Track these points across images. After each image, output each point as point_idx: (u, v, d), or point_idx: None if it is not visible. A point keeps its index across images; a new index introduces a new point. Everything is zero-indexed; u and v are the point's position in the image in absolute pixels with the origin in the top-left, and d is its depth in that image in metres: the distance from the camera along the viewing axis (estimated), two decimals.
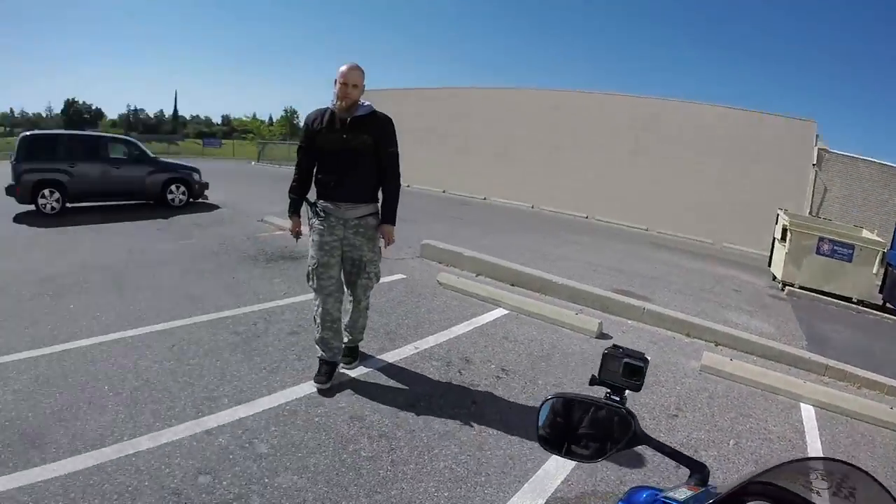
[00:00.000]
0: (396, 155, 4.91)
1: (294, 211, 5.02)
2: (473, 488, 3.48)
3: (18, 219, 12.89)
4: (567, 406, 1.45)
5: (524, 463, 3.81)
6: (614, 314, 7.58)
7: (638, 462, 3.95)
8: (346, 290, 4.99)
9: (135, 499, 3.25)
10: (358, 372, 5.15)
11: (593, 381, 1.47)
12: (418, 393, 4.80)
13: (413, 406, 4.54)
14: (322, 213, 4.73)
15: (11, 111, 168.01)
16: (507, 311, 7.33)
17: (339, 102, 4.57)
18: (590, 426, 1.42)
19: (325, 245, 4.71)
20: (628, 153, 22.76)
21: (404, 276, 8.66)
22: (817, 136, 20.01)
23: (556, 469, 3.75)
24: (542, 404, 1.47)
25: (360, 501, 3.27)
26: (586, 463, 1.48)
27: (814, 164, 19.60)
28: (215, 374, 4.94)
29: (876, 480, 1.18)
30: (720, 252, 17.75)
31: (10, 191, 13.64)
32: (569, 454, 1.44)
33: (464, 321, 6.79)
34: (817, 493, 1.19)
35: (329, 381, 4.82)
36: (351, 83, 4.55)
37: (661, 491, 1.24)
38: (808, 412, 5.44)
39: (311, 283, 4.81)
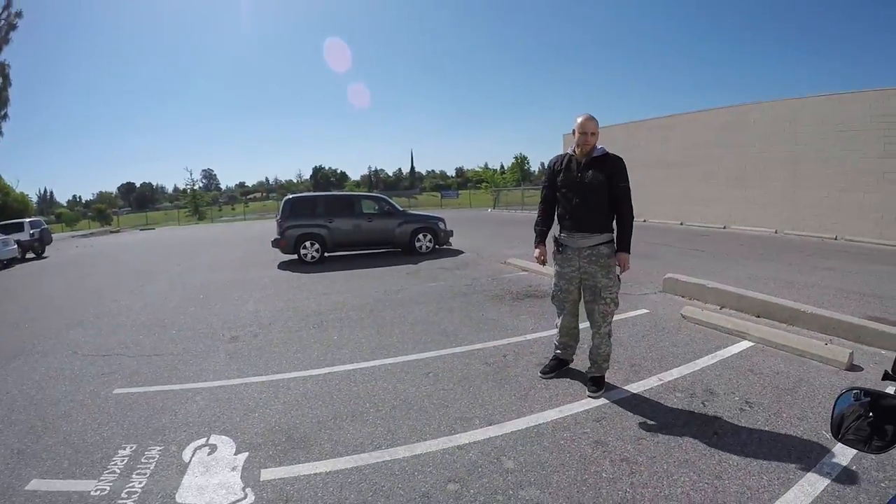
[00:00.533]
0: (628, 189, 5.43)
1: (540, 241, 5.85)
2: None
3: (282, 266, 15.01)
4: (860, 398, 1.65)
5: (762, 494, 3.86)
6: (867, 344, 7.14)
7: (881, 498, 3.87)
8: (588, 321, 5.67)
9: (388, 497, 3.85)
10: (603, 401, 5.44)
11: (886, 376, 1.67)
12: (661, 422, 4.97)
13: (655, 434, 4.74)
14: (562, 248, 5.55)
15: (267, 179, 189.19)
16: (752, 343, 7.24)
17: (578, 149, 5.42)
18: (877, 419, 1.59)
19: (565, 275, 5.58)
20: (877, 157, 20.20)
21: (647, 311, 8.84)
22: None
23: (795, 500, 3.78)
24: (837, 399, 1.70)
25: None
26: (872, 454, 1.63)
27: None
28: (468, 398, 5.51)
29: None
30: None
31: (275, 243, 16.08)
32: (856, 444, 1.64)
33: (708, 354, 6.84)
34: None
35: (551, 372, 6.08)
36: (589, 132, 5.31)
37: None
38: None
39: (555, 302, 5.87)
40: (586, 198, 5.32)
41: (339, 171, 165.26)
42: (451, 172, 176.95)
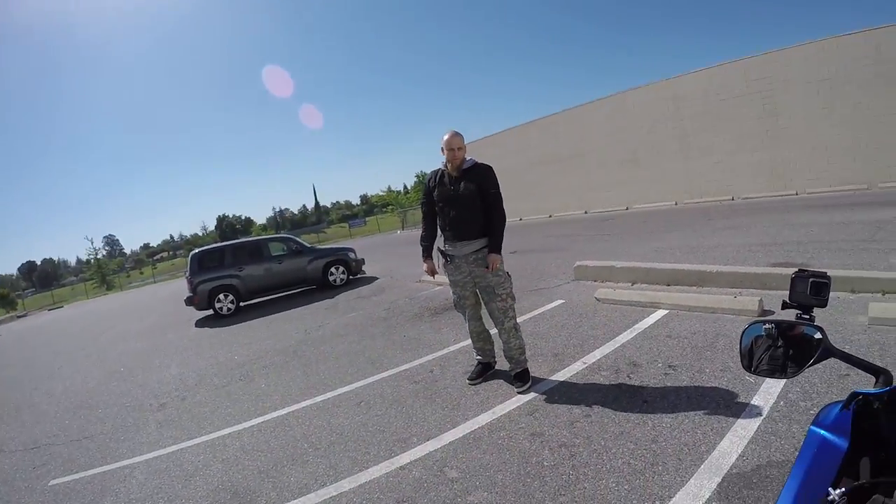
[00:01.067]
0: (498, 195, 5.64)
1: (427, 255, 5.99)
2: (652, 477, 3.72)
3: (200, 324, 14.66)
4: (761, 331, 1.71)
5: (698, 447, 3.99)
6: (774, 289, 7.47)
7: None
8: (492, 320, 5.82)
9: None
10: (533, 395, 5.52)
11: (785, 306, 1.73)
12: (591, 402, 5.08)
13: (588, 415, 4.82)
14: (449, 258, 5.74)
15: (171, 237, 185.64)
16: (666, 311, 7.46)
17: (451, 164, 5.58)
18: (786, 345, 1.66)
19: (458, 283, 5.83)
20: (757, 118, 21.66)
21: (563, 301, 9.00)
22: None
23: (731, 446, 3.91)
24: (743, 331, 1.75)
25: None
26: (786, 378, 1.70)
27: None
28: (402, 419, 5.54)
29: None
30: (878, 195, 16.64)
31: (189, 301, 15.66)
32: (770, 373, 1.69)
33: (626, 329, 7.00)
34: None
35: (478, 377, 6.17)
36: (455, 147, 5.52)
37: (847, 399, 1.44)
38: None
39: (458, 310, 6.14)
40: (462, 208, 5.55)
41: (243, 217, 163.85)
42: (355, 201, 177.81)
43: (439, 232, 5.96)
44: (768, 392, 4.57)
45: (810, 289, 1.66)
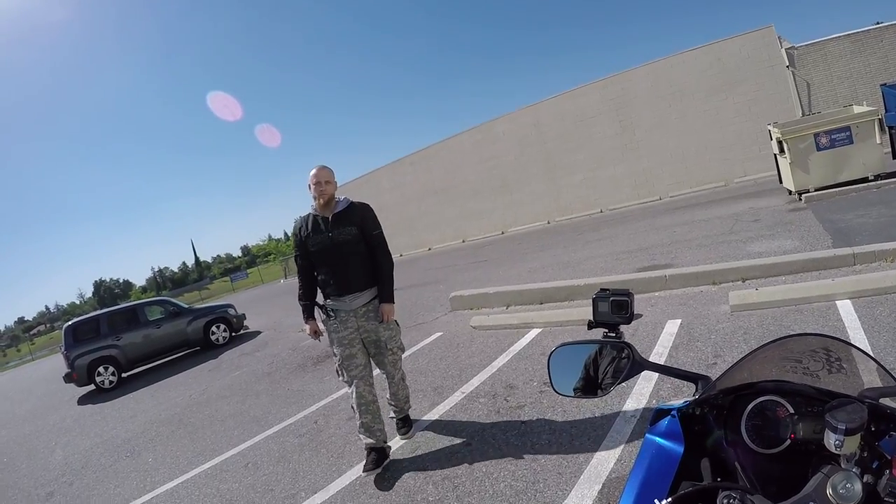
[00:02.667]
0: (381, 235, 5.04)
1: (308, 315, 5.08)
2: (535, 495, 3.66)
3: (82, 400, 13.77)
4: (571, 352, 1.65)
5: (576, 458, 3.97)
6: (641, 292, 7.60)
7: None
8: (378, 370, 5.14)
9: None
10: (414, 430, 5.42)
11: (590, 326, 1.68)
12: (471, 431, 5.01)
13: (468, 444, 4.76)
14: (332, 313, 4.91)
15: (47, 308, 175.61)
16: (540, 329, 7.51)
17: (318, 201, 4.87)
18: (595, 364, 1.61)
19: (345, 340, 4.88)
20: (615, 134, 22.93)
21: (441, 333, 8.93)
22: (779, 37, 19.76)
23: (608, 454, 3.91)
24: (549, 357, 1.66)
25: None
26: (598, 398, 1.64)
27: (787, 66, 19.38)
28: (289, 475, 5.32)
29: (851, 345, 1.37)
30: (734, 190, 17.67)
31: (68, 378, 14.50)
32: (583, 394, 1.64)
33: (502, 353, 6.99)
34: (812, 374, 1.37)
35: (378, 466, 4.73)
36: (323, 180, 4.84)
37: (673, 408, 1.43)
38: (845, 307, 5.50)
39: (341, 377, 5.01)
40: (344, 257, 4.81)
41: (121, 280, 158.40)
42: (236, 253, 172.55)
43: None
44: (640, 394, 4.62)
45: (612, 308, 1.65)
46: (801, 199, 11.63)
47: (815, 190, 11.55)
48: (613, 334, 1.61)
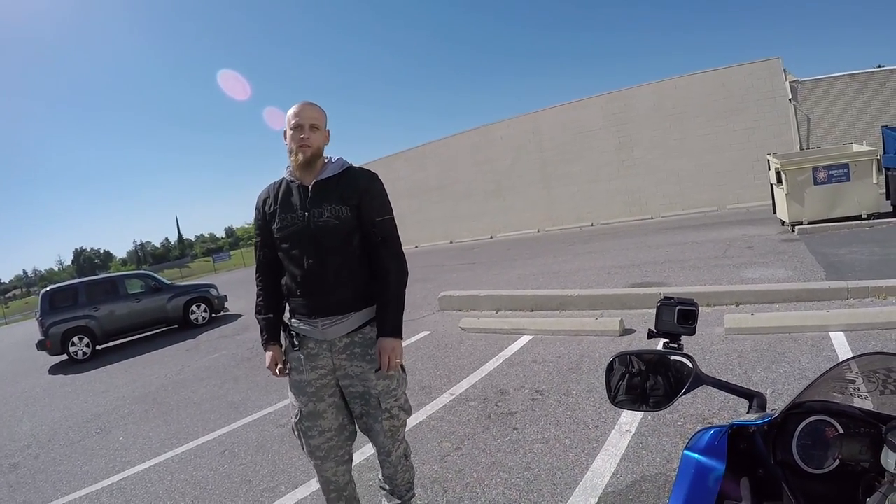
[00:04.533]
0: (391, 225, 3.12)
1: (269, 338, 3.16)
2: None
3: (54, 370, 13.57)
4: (630, 362, 1.58)
5: (572, 469, 3.92)
6: (634, 308, 7.65)
7: (682, 436, 4.05)
8: (367, 436, 3.25)
9: None
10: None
11: (651, 335, 1.62)
12: (461, 435, 4.91)
13: (459, 448, 4.66)
14: (296, 341, 3.07)
15: (25, 272, 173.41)
16: (531, 337, 7.46)
17: (295, 157, 2.95)
18: (654, 376, 1.55)
19: (308, 386, 3.04)
20: (613, 150, 22.93)
21: (429, 332, 8.89)
22: (785, 70, 19.81)
23: (604, 466, 3.86)
24: (608, 365, 1.61)
25: None
26: (657, 411, 1.59)
27: (790, 99, 19.38)
28: (268, 466, 5.17)
29: None
30: (726, 216, 17.74)
31: (41, 345, 14.29)
32: (638, 406, 1.57)
33: (492, 357, 6.93)
34: (862, 396, 1.35)
35: None
36: (308, 123, 2.93)
37: (724, 427, 1.36)
38: (838, 339, 5.51)
39: (300, 439, 3.18)
40: (324, 252, 2.92)
41: (102, 251, 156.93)
42: (220, 233, 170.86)
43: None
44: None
45: (677, 317, 1.58)
46: (793, 231, 11.69)
47: (809, 223, 11.60)
48: (675, 345, 1.57)
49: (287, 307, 3.18)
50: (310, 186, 2.97)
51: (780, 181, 11.97)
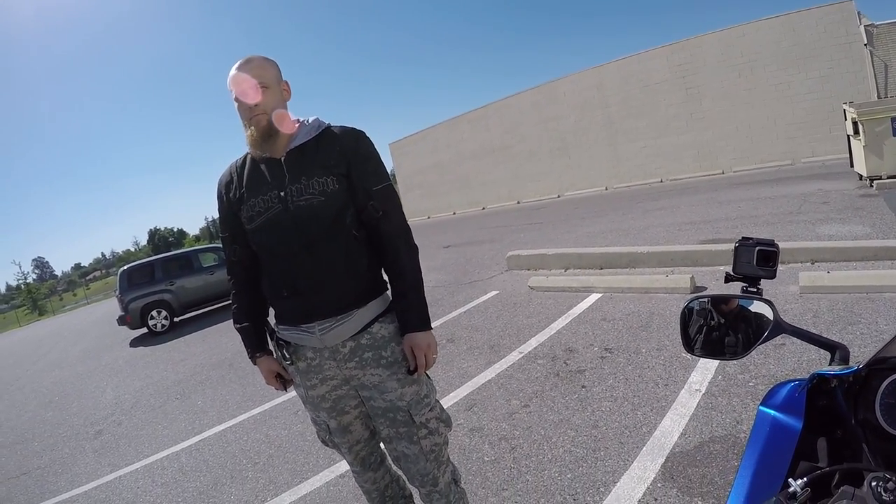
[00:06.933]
0: (391, 194, 2.45)
1: (255, 349, 2.64)
2: (594, 464, 3.61)
3: (134, 343, 14.23)
4: (706, 307, 1.54)
5: (639, 429, 3.92)
6: (705, 265, 7.52)
7: (753, 397, 4.00)
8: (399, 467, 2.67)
9: None
10: (469, 388, 5.36)
11: (728, 278, 1.55)
12: (530, 392, 4.94)
13: (527, 405, 4.70)
14: (287, 354, 2.48)
15: (103, 255, 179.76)
16: (600, 295, 7.41)
17: (250, 132, 2.30)
18: (731, 322, 1.50)
19: (322, 401, 2.50)
20: (681, 102, 22.27)
21: (497, 292, 8.92)
22: (859, 13, 18.72)
23: (672, 425, 3.84)
24: (683, 309, 1.57)
25: (490, 501, 3.46)
26: (735, 360, 1.54)
27: (865, 44, 18.33)
28: None
29: None
30: (801, 170, 17.16)
31: (121, 321, 15.01)
32: (713, 354, 1.53)
33: (561, 316, 6.92)
34: None
35: None
36: (249, 86, 2.24)
37: (804, 380, 1.33)
38: None
39: (332, 447, 2.74)
40: (312, 239, 2.28)
41: (175, 230, 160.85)
42: None
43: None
44: (706, 367, 4.53)
45: (757, 258, 1.50)
46: (872, 186, 11.17)
47: (888, 177, 11.01)
48: (754, 290, 1.50)
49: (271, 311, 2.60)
50: (282, 159, 2.32)
51: (856, 132, 11.42)
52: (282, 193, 2.27)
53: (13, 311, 79.33)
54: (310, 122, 2.42)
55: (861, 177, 11.85)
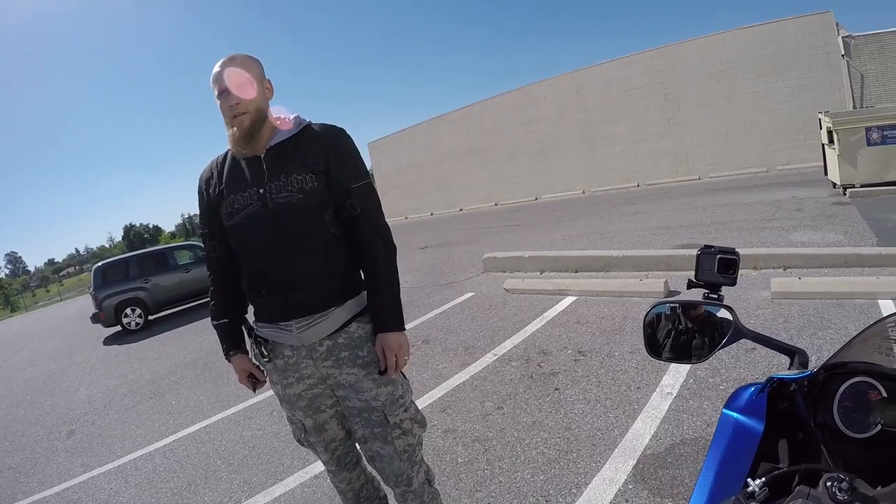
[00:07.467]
0: (370, 191, 2.46)
1: (230, 346, 2.66)
2: (567, 465, 3.64)
3: (108, 341, 14.03)
4: (669, 312, 1.59)
5: (611, 431, 3.95)
6: (679, 270, 7.58)
7: (723, 400, 4.05)
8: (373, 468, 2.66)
9: None
10: (444, 390, 5.37)
11: (690, 285, 1.61)
12: (503, 394, 4.97)
13: (500, 407, 4.72)
14: (265, 352, 2.49)
15: (77, 251, 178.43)
16: (575, 297, 7.47)
17: (232, 131, 2.32)
18: (693, 327, 1.55)
19: (298, 399, 2.51)
20: (659, 108, 22.49)
21: (473, 293, 8.95)
22: (837, 24, 19.00)
23: (644, 428, 3.88)
24: (646, 315, 1.62)
25: (464, 502, 3.48)
26: (696, 363, 1.58)
27: (843, 55, 18.63)
28: None
29: None
30: (776, 177, 17.40)
31: (95, 318, 14.76)
32: (677, 359, 1.58)
33: (536, 318, 6.96)
34: None
35: None
36: (234, 84, 2.26)
37: (763, 383, 1.38)
38: (887, 307, 5.36)
39: (307, 446, 2.75)
40: (290, 237, 2.30)
41: (151, 226, 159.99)
42: None
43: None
44: (678, 371, 4.59)
45: (717, 266, 1.57)
46: (845, 194, 11.35)
47: (861, 186, 11.21)
48: (715, 296, 1.55)
49: (250, 309, 2.60)
50: (262, 156, 2.32)
51: (831, 141, 11.59)
52: (261, 191, 2.28)
53: None
54: (290, 119, 2.42)
55: (835, 185, 12.04)
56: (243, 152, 2.34)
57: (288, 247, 2.28)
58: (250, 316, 2.60)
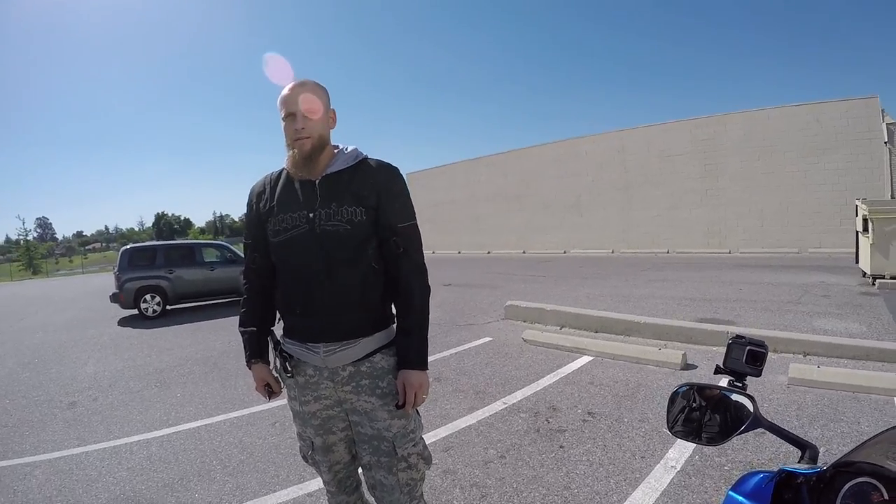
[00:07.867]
0: (415, 232, 2.54)
1: (252, 354, 2.67)
2: None
3: (123, 322, 14.20)
4: (694, 394, 1.65)
5: (610, 496, 3.93)
6: (699, 343, 7.56)
7: (726, 481, 4.03)
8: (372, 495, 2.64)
9: None
10: (449, 430, 5.36)
11: (718, 371, 1.67)
12: (508, 444, 4.95)
13: (503, 456, 4.71)
14: (289, 367, 2.53)
15: (106, 228, 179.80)
16: (591, 358, 7.46)
17: (293, 153, 2.40)
18: (713, 411, 1.60)
19: (312, 418, 2.57)
20: (698, 177, 22.53)
21: (491, 339, 8.95)
22: (882, 111, 18.90)
23: (643, 498, 3.85)
24: (673, 394, 1.68)
25: None
26: (712, 446, 1.63)
27: (885, 142, 18.50)
28: None
29: None
30: (806, 259, 17.37)
31: (114, 298, 15.02)
32: (696, 439, 1.62)
33: (550, 373, 6.95)
34: None
35: None
36: (303, 108, 2.35)
37: (772, 473, 1.40)
38: None
39: (312, 464, 2.77)
40: (333, 264, 2.37)
41: (182, 218, 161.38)
42: None
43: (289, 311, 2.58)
44: (684, 446, 4.55)
45: (746, 357, 1.62)
46: (874, 284, 11.29)
47: (891, 277, 11.14)
48: (740, 384, 1.61)
49: (280, 323, 2.66)
50: (317, 182, 2.41)
51: (866, 229, 11.53)
52: (311, 215, 2.36)
53: (8, 264, 79.58)
54: (348, 150, 2.52)
55: (864, 274, 11.95)
56: (300, 175, 2.42)
57: (328, 273, 2.36)
58: (278, 329, 2.67)
